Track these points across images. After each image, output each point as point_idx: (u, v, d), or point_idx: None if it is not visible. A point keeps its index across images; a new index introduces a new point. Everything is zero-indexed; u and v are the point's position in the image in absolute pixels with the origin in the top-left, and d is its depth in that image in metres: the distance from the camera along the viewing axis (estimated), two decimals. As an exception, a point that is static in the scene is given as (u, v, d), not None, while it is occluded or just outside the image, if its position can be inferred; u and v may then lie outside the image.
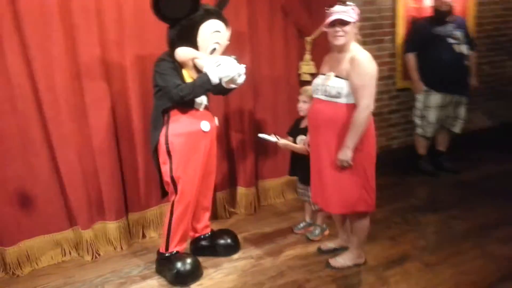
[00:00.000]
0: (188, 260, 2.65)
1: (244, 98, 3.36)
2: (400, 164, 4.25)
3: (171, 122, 2.54)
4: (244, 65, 2.53)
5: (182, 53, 2.47)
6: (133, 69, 2.97)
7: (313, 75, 3.58)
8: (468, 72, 4.07)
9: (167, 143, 2.53)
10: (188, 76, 2.54)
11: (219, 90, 2.60)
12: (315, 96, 2.56)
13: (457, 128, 4.14)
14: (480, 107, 5.09)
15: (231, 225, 3.31)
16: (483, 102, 5.12)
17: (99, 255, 3.04)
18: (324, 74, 2.52)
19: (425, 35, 3.93)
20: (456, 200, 3.59)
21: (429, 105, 4.01)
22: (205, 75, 2.44)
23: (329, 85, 2.42)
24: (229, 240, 2.94)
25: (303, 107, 2.95)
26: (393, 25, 4.29)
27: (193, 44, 2.47)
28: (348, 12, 2.35)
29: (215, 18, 2.48)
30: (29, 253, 2.89)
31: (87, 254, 3.00)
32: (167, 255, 2.67)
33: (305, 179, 2.99)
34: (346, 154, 2.35)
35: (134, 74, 2.98)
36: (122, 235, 3.09)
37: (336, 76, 2.41)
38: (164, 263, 2.68)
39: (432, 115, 4.02)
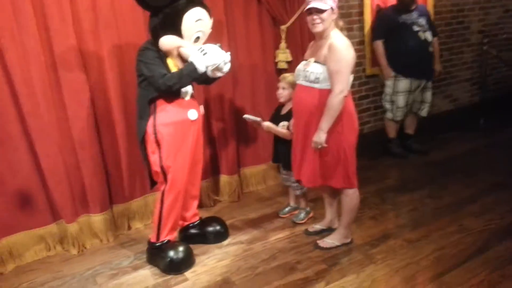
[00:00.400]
0: (181, 248, 2.66)
1: (224, 87, 3.38)
2: (371, 147, 4.40)
3: (158, 111, 2.53)
4: (229, 52, 2.54)
5: (167, 41, 2.46)
6: (110, 58, 2.92)
7: (289, 63, 3.65)
8: (432, 57, 4.26)
9: (155, 133, 2.53)
10: (173, 65, 2.53)
11: (204, 79, 2.60)
12: (297, 81, 2.63)
13: (424, 112, 4.35)
14: (442, 91, 5.36)
15: (216, 213, 3.35)
16: (444, 86, 5.38)
17: (85, 248, 3.00)
18: (305, 60, 2.60)
19: (391, 23, 4.08)
20: (427, 179, 3.78)
21: (398, 90, 4.17)
22: (191, 64, 2.43)
23: (308, 70, 2.51)
24: (218, 227, 2.98)
25: (282, 93, 3.02)
26: (361, 14, 4.40)
27: (177, 33, 2.46)
28: (324, 0, 2.41)
29: (198, 6, 2.47)
30: (12, 250, 2.81)
31: (73, 248, 2.95)
32: (158, 244, 2.67)
33: (288, 165, 3.06)
34: (320, 137, 2.45)
35: (111, 63, 2.94)
36: (107, 228, 3.06)
37: (316, 62, 2.49)
38: (156, 253, 2.68)
39: (401, 100, 4.18)
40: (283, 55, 3.65)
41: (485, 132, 4.90)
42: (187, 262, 2.68)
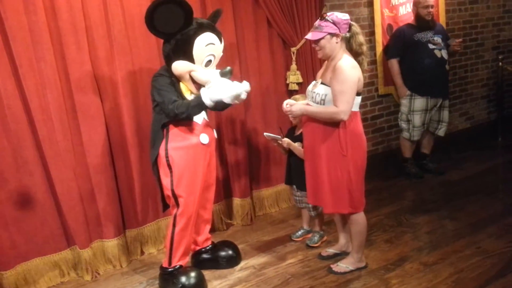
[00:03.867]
0: (193, 274, 2.64)
1: (235, 109, 3.39)
2: (385, 168, 4.36)
3: (170, 135, 2.56)
4: (244, 83, 2.50)
5: (179, 66, 2.50)
6: (124, 84, 2.97)
7: (300, 84, 3.67)
8: (448, 76, 4.23)
9: (167, 157, 2.55)
10: (186, 89, 2.57)
11: (222, 107, 2.55)
12: (307, 101, 2.64)
13: (441, 131, 4.28)
14: (457, 109, 5.29)
15: (229, 236, 3.32)
16: (459, 104, 5.32)
17: (98, 274, 3.00)
18: (315, 80, 2.63)
19: (407, 41, 4.07)
20: (444, 200, 3.70)
21: (414, 109, 4.13)
22: (199, 97, 2.46)
23: (315, 91, 2.54)
24: (230, 252, 2.95)
25: None
26: (372, 33, 4.41)
27: (189, 57, 2.50)
28: (318, 28, 2.46)
29: (208, 31, 2.52)
30: (26, 276, 2.82)
31: (86, 274, 2.95)
32: (170, 270, 2.65)
33: (302, 186, 3.04)
34: (296, 107, 2.57)
35: (125, 89, 2.98)
36: (121, 253, 3.06)
37: (322, 83, 2.50)
38: (168, 278, 2.66)
39: (417, 119, 4.14)
40: (294, 77, 3.67)
41: (503, 151, 4.80)
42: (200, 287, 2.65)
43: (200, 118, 2.65)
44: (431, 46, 4.00)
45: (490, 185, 3.91)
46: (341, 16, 2.45)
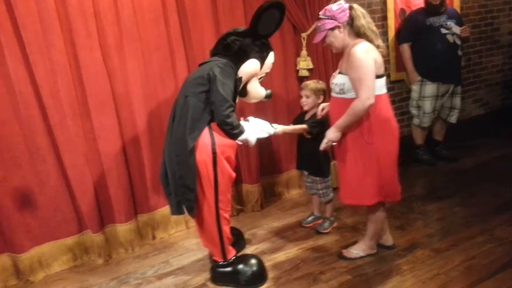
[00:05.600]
0: (253, 261, 2.61)
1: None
2: (398, 155, 4.30)
3: (214, 131, 2.39)
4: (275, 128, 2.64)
5: (253, 65, 2.48)
6: (134, 71, 2.97)
7: (311, 70, 3.63)
8: (460, 61, 4.15)
9: (214, 152, 2.36)
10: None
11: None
12: (331, 94, 2.59)
13: (453, 118, 4.22)
14: (471, 95, 5.21)
15: (239, 222, 3.34)
16: (473, 90, 5.23)
17: (110, 258, 3.04)
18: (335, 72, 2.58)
19: (419, 25, 3.99)
20: (457, 187, 3.66)
21: (425, 95, 4.08)
22: (245, 136, 2.42)
23: (333, 82, 2.50)
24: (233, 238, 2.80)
25: (306, 101, 2.99)
26: (384, 18, 4.35)
27: (262, 64, 2.53)
28: (319, 29, 2.45)
29: (272, 50, 2.60)
30: (41, 259, 2.88)
31: (98, 258, 3.00)
32: (229, 261, 2.58)
33: (314, 172, 3.04)
34: (331, 132, 2.45)
35: (135, 76, 2.98)
36: (132, 237, 3.10)
37: (340, 73, 2.46)
38: (230, 271, 2.58)
39: (428, 105, 4.08)
40: (304, 63, 3.63)
41: (517, 138, 4.72)
42: (265, 270, 2.64)
43: None
44: (443, 31, 3.93)
45: (502, 173, 3.85)
46: (335, 7, 2.39)
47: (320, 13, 2.45)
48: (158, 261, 2.94)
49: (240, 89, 2.53)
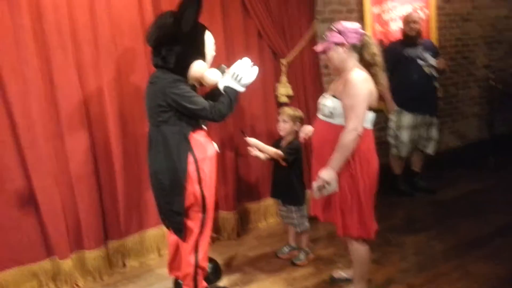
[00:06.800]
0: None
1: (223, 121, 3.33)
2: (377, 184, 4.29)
3: (193, 147, 2.35)
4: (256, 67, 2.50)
5: (200, 67, 2.36)
6: (110, 91, 2.91)
7: (290, 97, 3.62)
8: (437, 93, 4.21)
9: (197, 170, 2.34)
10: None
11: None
12: (317, 114, 2.52)
13: (430, 149, 4.25)
14: (448, 127, 5.28)
15: (214, 251, 3.24)
16: (451, 122, 5.30)
17: (78, 286, 2.91)
18: (326, 93, 2.51)
19: (397, 56, 4.04)
20: (434, 219, 3.66)
21: (402, 125, 4.11)
22: (232, 89, 2.38)
23: (323, 104, 2.41)
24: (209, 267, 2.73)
25: (283, 126, 2.97)
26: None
27: (202, 56, 2.38)
28: (325, 39, 2.39)
29: (206, 29, 2.44)
30: (3, 286, 2.73)
31: (65, 286, 2.88)
32: None
33: (287, 200, 3.00)
34: (327, 174, 2.25)
35: (111, 96, 2.93)
36: (101, 265, 2.98)
37: (333, 96, 2.37)
38: None
39: (405, 135, 4.11)
40: (284, 89, 3.62)
41: (495, 170, 4.77)
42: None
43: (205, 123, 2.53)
44: (420, 62, 4.00)
45: (480, 206, 3.87)
46: (348, 25, 2.34)
47: (332, 24, 2.40)
48: (127, 291, 2.83)
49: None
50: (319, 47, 2.43)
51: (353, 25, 2.36)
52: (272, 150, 2.91)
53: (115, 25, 2.88)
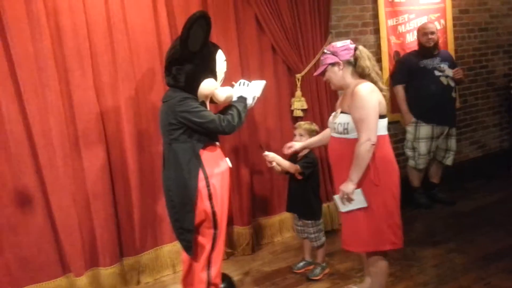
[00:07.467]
0: None
1: (239, 135, 3.36)
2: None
3: (204, 163, 2.38)
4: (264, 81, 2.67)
5: (209, 85, 2.41)
6: (127, 110, 2.98)
7: (305, 111, 3.63)
8: (455, 103, 4.15)
9: (208, 186, 2.37)
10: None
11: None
12: (331, 134, 2.53)
13: (449, 161, 4.19)
14: (468, 138, 5.18)
15: (228, 266, 3.23)
16: (470, 132, 5.21)
17: (93, 304, 2.93)
18: (335, 111, 2.53)
19: (413, 67, 4.02)
20: (453, 232, 3.58)
21: (419, 136, 4.06)
22: (242, 99, 2.47)
23: (336, 122, 2.43)
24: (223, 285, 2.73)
25: (300, 141, 2.96)
26: (378, 60, 4.38)
27: (213, 74, 2.44)
28: (321, 62, 2.47)
29: (219, 48, 2.51)
30: (20, 304, 2.77)
31: (81, 303, 2.89)
32: None
33: (303, 215, 2.98)
34: (347, 187, 2.28)
35: (128, 115, 2.99)
36: (116, 282, 3.00)
37: (342, 112, 2.40)
38: None
39: (423, 147, 4.06)
40: (299, 103, 3.64)
41: (516, 180, 4.66)
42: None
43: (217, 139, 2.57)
44: (437, 73, 3.96)
45: (501, 217, 3.77)
46: (339, 44, 2.42)
47: (324, 47, 2.44)
48: (142, 307, 2.85)
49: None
50: (317, 72, 2.50)
51: (344, 43, 2.43)
52: (288, 164, 2.91)
53: (133, 47, 2.97)
